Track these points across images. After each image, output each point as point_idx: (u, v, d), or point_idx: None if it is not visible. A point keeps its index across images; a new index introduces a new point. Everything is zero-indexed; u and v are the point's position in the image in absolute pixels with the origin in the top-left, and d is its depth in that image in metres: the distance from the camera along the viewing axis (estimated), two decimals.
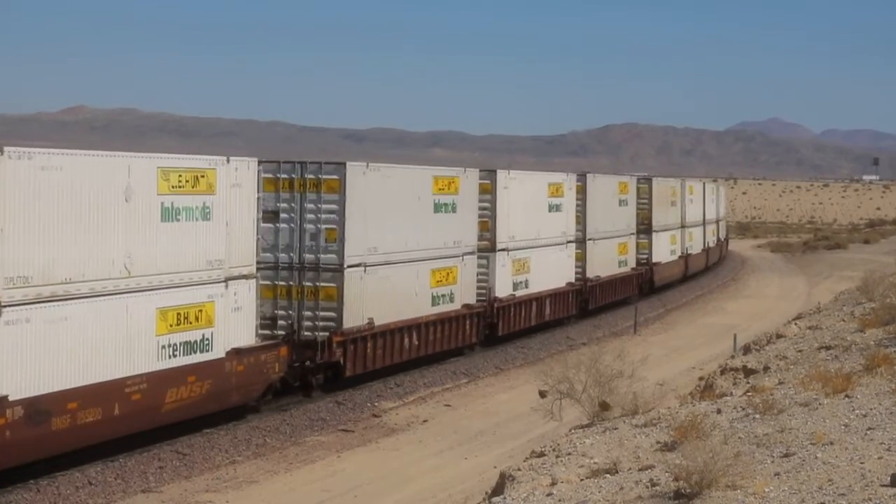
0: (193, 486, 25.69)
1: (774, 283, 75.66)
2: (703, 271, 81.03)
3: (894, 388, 16.85)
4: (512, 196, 44.96)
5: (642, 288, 63.72)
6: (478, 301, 42.49)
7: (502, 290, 44.39)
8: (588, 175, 55.24)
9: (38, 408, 23.29)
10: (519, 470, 16.25)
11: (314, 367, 33.62)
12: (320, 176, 33.66)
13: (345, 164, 34.02)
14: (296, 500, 25.14)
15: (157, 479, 25.94)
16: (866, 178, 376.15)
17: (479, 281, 42.67)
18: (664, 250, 68.29)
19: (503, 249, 44.44)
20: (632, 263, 61.75)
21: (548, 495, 14.32)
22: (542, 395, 21.95)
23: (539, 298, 47.86)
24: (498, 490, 16.01)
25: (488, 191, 43.53)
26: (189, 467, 26.94)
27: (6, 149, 22.90)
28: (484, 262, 43.18)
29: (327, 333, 33.31)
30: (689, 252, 74.89)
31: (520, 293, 45.88)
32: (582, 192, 53.38)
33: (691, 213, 76.47)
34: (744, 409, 17.14)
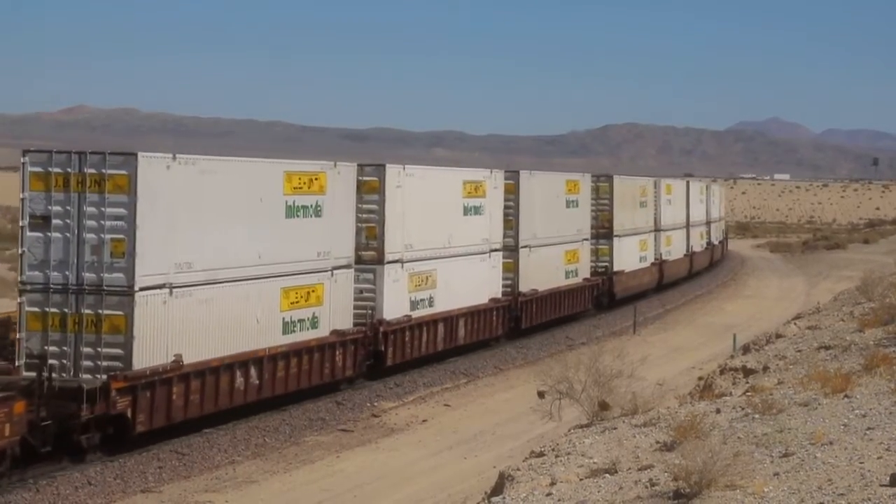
0: (193, 486, 25.69)
1: (774, 284, 75.65)
2: (687, 278, 75.23)
3: (893, 388, 16.85)
4: (409, 196, 37.35)
5: (600, 301, 57.12)
6: (356, 325, 34.95)
7: (394, 310, 36.84)
8: (522, 172, 47.73)
9: None
10: (518, 470, 16.24)
11: (83, 423, 25.43)
12: (104, 171, 26.18)
13: (136, 155, 26.45)
14: (295, 499, 25.14)
15: (157, 479, 25.94)
16: (777, 176, 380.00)
17: (361, 300, 35.53)
18: (630, 257, 61.22)
19: (395, 261, 36.90)
20: (585, 273, 54.35)
21: (547, 495, 14.31)
22: (541, 395, 21.94)
23: (448, 318, 40.61)
24: (497, 490, 16.00)
25: (375, 190, 36.06)
26: (188, 467, 26.94)
27: None
28: (369, 276, 35.96)
29: (104, 378, 25.71)
30: (664, 258, 68.24)
31: (420, 313, 38.47)
32: (514, 191, 46.37)
33: (669, 214, 70.14)
34: (743, 408, 17.13)
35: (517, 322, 46.80)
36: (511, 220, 46.18)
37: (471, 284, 42.05)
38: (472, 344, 43.02)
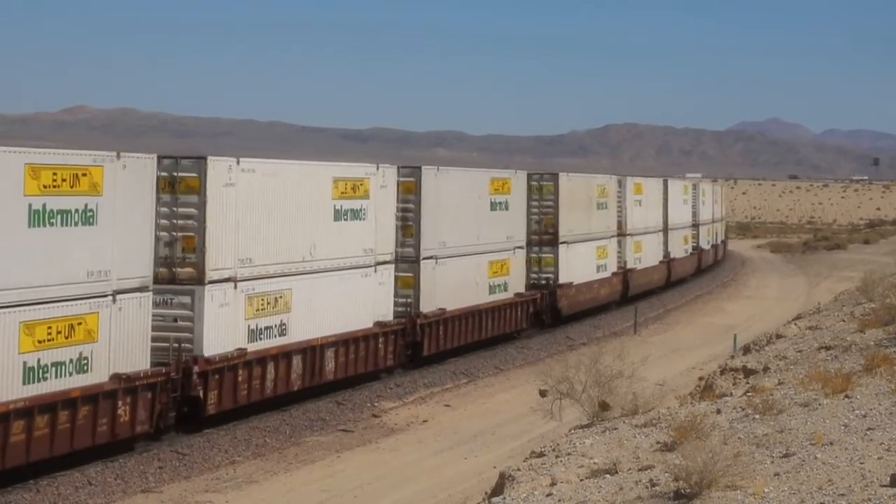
0: (193, 486, 25.70)
1: (774, 284, 75.67)
2: (665, 287, 68.27)
3: (894, 389, 16.85)
4: (245, 197, 30.05)
5: (540, 319, 49.25)
6: (155, 366, 27.15)
7: (221, 342, 29.04)
8: (425, 168, 39.45)
9: None
10: (518, 470, 16.24)
11: None
12: None
13: None
14: (295, 499, 25.15)
15: (157, 480, 25.95)
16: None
17: (174, 331, 28.30)
18: (582, 267, 52.84)
19: (225, 280, 29.34)
20: (518, 287, 46.09)
21: (547, 495, 14.32)
22: (542, 395, 21.95)
23: (309, 350, 32.64)
24: (497, 490, 16.00)
25: (194, 190, 29.03)
26: (189, 467, 26.95)
27: None
28: (185, 300, 28.60)
29: None
30: (630, 266, 60.46)
31: (265, 345, 30.69)
32: (415, 191, 38.58)
33: (639, 217, 62.35)
34: (743, 409, 17.14)
35: (417, 349, 38.76)
36: (412, 226, 38.26)
37: (345, 306, 34.20)
38: (352, 378, 35.34)
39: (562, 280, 50.50)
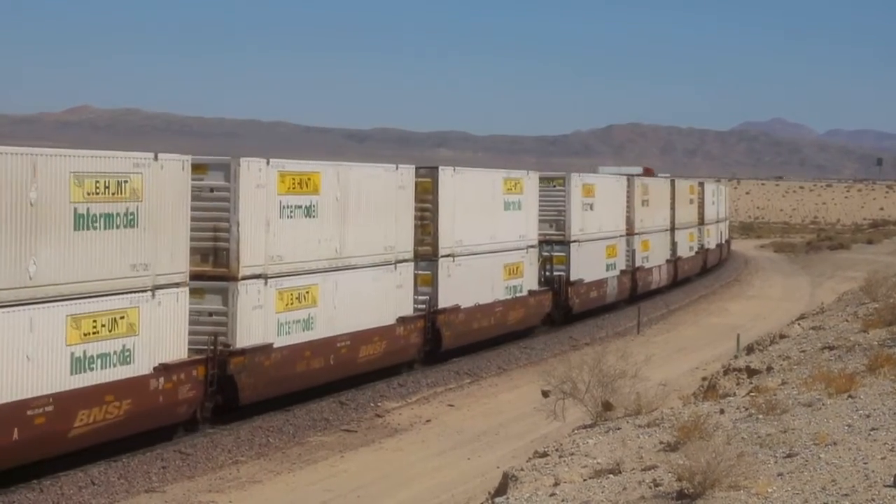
0: (196, 486, 25.70)
1: (778, 284, 75.60)
2: (430, 361, 39.45)
3: None
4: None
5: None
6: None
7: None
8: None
9: None
10: (522, 470, 16.23)
11: None
12: None
13: None
14: (298, 499, 25.15)
15: (161, 479, 25.95)
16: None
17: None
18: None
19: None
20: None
21: (551, 495, 14.30)
22: (545, 395, 21.93)
23: None
24: (501, 490, 15.99)
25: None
26: (192, 467, 26.95)
27: None
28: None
29: None
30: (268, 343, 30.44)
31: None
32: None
33: (291, 242, 31.56)
34: (747, 409, 17.13)
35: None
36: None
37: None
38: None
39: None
